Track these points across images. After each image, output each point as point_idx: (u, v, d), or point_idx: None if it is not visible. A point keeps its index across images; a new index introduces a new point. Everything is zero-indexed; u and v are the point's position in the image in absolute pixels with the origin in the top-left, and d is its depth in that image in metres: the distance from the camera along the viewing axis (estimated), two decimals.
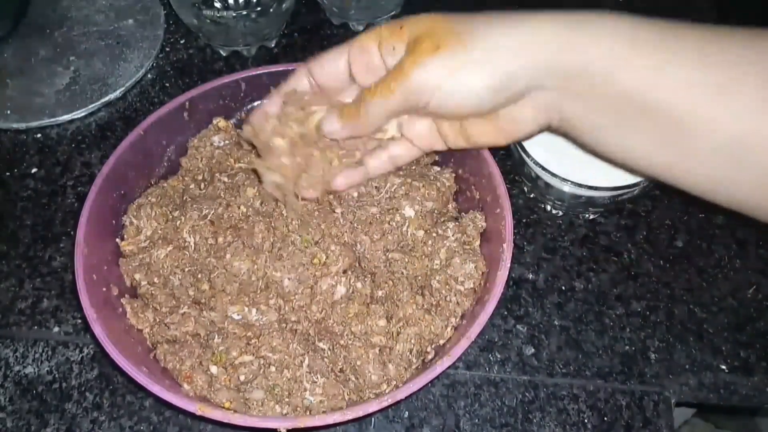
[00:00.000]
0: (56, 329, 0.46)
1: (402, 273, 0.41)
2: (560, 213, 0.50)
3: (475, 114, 0.34)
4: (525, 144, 0.45)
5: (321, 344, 0.38)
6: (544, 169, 0.44)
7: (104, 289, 0.39)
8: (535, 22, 0.31)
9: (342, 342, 0.39)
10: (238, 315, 0.39)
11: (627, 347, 0.45)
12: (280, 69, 0.45)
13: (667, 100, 0.29)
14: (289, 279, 0.40)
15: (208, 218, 0.42)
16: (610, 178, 0.43)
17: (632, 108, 0.30)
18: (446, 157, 0.46)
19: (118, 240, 0.42)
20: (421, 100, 0.32)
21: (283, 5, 0.57)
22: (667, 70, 0.29)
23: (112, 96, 0.57)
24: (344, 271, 0.40)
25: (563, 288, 0.47)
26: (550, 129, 0.36)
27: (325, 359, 0.38)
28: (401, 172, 0.44)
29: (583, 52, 0.30)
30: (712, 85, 0.28)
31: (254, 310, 0.39)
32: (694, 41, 0.29)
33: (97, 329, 0.35)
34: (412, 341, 0.38)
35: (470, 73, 0.31)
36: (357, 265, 0.41)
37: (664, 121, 0.30)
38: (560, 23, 0.31)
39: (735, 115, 0.28)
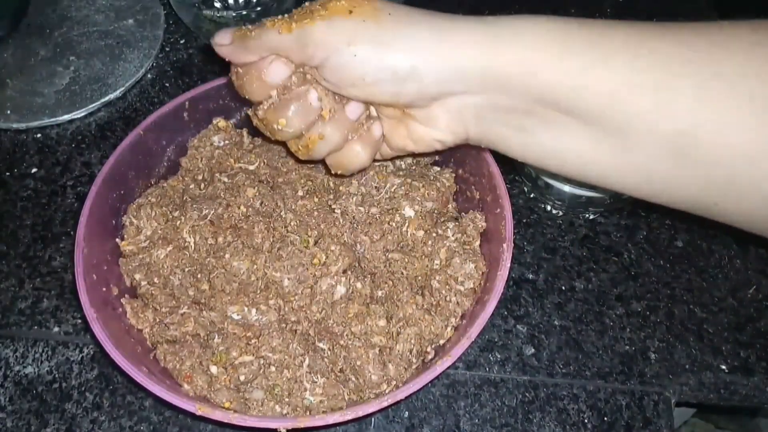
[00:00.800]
0: (56, 329, 0.46)
1: (402, 273, 0.41)
2: (560, 213, 0.51)
3: (374, 98, 0.32)
4: None
5: (321, 344, 0.38)
6: None
7: (104, 289, 0.39)
8: (456, 20, 0.30)
9: (342, 342, 0.39)
10: (237, 315, 0.39)
11: (627, 347, 0.45)
12: None
13: (597, 101, 0.28)
14: (288, 279, 0.40)
15: (208, 218, 0.42)
16: None
17: (558, 110, 0.29)
18: (446, 157, 0.46)
19: (118, 240, 0.42)
20: (315, 56, 0.31)
21: (283, 5, 0.57)
22: (596, 70, 0.27)
23: (112, 96, 0.57)
24: (344, 271, 0.40)
25: (563, 288, 0.47)
26: (470, 142, 0.34)
27: (325, 359, 0.38)
28: (401, 172, 0.44)
29: (501, 54, 0.29)
30: (645, 83, 0.27)
31: (254, 310, 0.39)
32: (625, 40, 0.28)
33: (97, 329, 0.35)
34: (412, 341, 0.38)
35: (372, 50, 0.30)
36: (357, 265, 0.41)
37: (596, 123, 0.28)
38: (483, 22, 0.30)
39: (670, 113, 0.27)
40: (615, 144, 0.29)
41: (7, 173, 0.54)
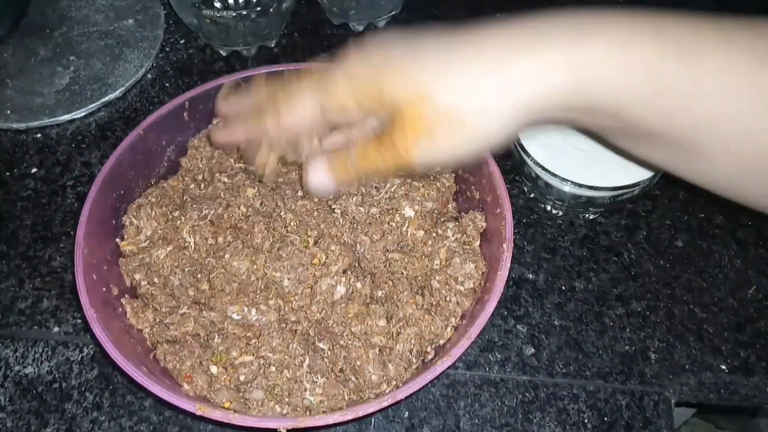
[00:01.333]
0: (56, 329, 0.46)
1: (402, 273, 0.41)
2: (560, 213, 0.50)
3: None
4: (525, 144, 0.45)
5: (321, 344, 0.38)
6: (544, 169, 0.44)
7: (104, 289, 0.39)
8: (520, 58, 0.28)
9: (342, 342, 0.39)
10: (237, 315, 0.39)
11: (627, 347, 0.45)
12: (280, 69, 0.45)
13: (685, 133, 0.28)
14: (288, 279, 0.40)
15: (208, 218, 0.42)
16: (610, 178, 0.43)
17: (638, 132, 0.29)
18: None
19: (118, 240, 0.42)
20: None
21: (283, 5, 0.57)
22: (685, 99, 0.27)
23: (111, 96, 0.57)
24: (344, 271, 0.40)
25: (563, 288, 0.47)
26: None
27: (325, 359, 0.38)
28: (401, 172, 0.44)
29: (584, 86, 0.27)
30: (733, 111, 0.26)
31: (254, 310, 0.39)
32: (718, 64, 0.26)
33: (97, 329, 0.35)
34: (412, 341, 0.38)
35: (471, 145, 0.30)
36: (357, 265, 0.41)
37: (679, 146, 0.29)
38: (546, 53, 0.27)
39: (753, 138, 0.27)
40: (693, 161, 0.29)
41: (7, 173, 0.54)
